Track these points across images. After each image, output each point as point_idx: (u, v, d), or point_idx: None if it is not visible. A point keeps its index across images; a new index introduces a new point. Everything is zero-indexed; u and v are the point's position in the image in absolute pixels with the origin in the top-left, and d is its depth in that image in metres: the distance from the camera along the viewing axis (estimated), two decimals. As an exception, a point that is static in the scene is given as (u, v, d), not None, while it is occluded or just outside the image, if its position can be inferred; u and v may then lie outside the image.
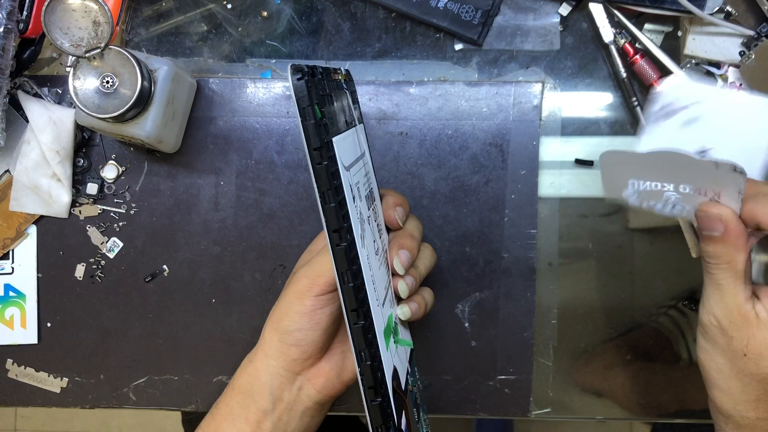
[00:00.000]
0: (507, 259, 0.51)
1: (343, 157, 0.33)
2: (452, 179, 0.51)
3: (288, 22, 0.52)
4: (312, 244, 0.46)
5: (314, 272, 0.39)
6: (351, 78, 0.43)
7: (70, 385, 0.54)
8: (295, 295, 0.39)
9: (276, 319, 0.41)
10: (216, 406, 0.44)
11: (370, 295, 0.33)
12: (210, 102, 0.52)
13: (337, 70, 0.39)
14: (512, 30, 0.51)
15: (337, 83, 0.38)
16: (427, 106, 0.51)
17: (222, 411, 0.43)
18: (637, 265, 0.52)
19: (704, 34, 0.48)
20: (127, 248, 0.53)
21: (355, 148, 0.38)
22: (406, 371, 0.40)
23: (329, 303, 0.39)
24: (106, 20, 0.41)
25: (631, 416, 0.53)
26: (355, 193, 0.35)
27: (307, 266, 0.40)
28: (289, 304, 0.40)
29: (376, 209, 0.41)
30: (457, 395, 0.53)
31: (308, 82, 0.30)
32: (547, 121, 0.51)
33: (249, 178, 0.52)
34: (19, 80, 0.52)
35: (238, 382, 0.43)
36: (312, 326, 0.39)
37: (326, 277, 0.39)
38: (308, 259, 0.42)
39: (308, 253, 0.46)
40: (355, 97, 0.43)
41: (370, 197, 0.39)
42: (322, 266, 0.39)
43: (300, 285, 0.39)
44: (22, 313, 0.53)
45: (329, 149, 0.31)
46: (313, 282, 0.39)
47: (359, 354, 0.32)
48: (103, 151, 0.53)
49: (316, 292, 0.39)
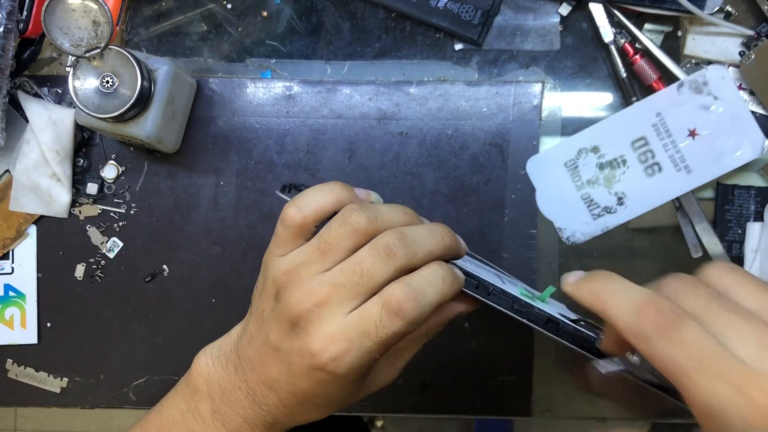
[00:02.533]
0: (507, 259, 0.51)
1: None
2: (452, 179, 0.51)
3: (288, 22, 0.52)
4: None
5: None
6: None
7: (70, 385, 0.54)
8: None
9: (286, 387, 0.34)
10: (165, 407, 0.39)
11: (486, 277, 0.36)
12: (210, 102, 0.52)
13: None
14: (512, 30, 0.51)
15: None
16: (427, 106, 0.51)
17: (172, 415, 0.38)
18: (637, 265, 0.52)
19: (704, 34, 0.48)
20: (127, 248, 0.53)
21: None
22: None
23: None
24: (106, 20, 0.41)
25: (631, 416, 0.53)
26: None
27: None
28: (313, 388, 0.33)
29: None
30: (457, 395, 0.53)
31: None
32: (547, 121, 0.51)
33: (249, 178, 0.52)
34: (19, 80, 0.52)
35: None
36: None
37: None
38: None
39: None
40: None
41: None
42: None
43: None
44: (22, 313, 0.53)
45: None
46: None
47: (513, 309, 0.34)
48: (103, 151, 0.53)
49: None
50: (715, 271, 0.27)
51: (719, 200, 0.50)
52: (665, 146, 0.49)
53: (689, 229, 0.50)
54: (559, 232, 0.51)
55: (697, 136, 0.48)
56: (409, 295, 0.30)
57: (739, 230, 0.50)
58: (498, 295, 0.33)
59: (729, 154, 0.48)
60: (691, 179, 0.49)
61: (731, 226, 0.50)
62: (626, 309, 0.26)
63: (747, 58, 0.47)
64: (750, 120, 0.47)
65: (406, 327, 0.30)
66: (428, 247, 0.32)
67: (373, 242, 0.32)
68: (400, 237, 0.31)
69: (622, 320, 0.26)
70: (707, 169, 0.48)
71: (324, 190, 0.34)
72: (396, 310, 0.30)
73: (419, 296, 0.30)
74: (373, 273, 0.31)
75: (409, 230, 0.32)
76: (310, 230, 0.34)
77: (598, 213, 0.50)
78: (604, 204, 0.50)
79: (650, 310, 0.25)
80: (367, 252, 0.31)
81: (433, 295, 0.31)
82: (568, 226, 0.51)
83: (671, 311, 0.25)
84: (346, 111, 0.51)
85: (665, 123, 0.48)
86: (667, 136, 0.48)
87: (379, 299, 0.31)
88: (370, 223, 0.32)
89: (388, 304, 0.30)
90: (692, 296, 0.26)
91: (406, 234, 0.32)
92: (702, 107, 0.48)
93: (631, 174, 0.49)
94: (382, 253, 0.31)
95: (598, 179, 0.50)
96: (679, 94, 0.48)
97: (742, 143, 0.48)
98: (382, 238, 0.32)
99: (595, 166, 0.50)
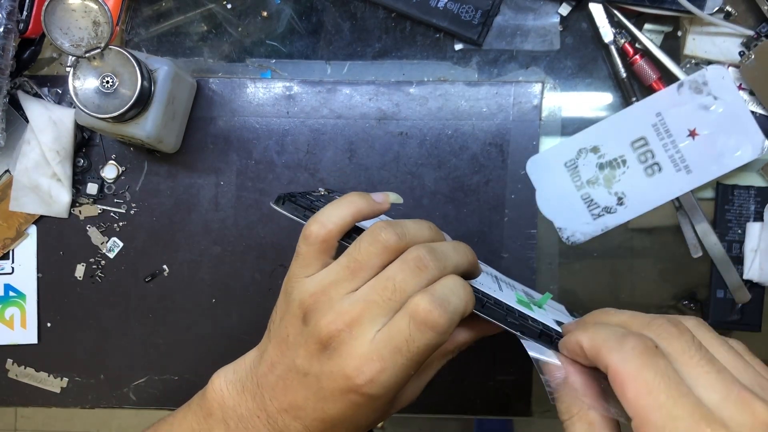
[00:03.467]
0: (507, 259, 0.51)
1: None
2: (452, 179, 0.51)
3: (288, 22, 0.52)
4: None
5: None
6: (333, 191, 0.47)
7: (70, 385, 0.54)
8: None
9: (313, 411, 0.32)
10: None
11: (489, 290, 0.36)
12: (210, 102, 0.52)
13: (314, 191, 0.43)
14: (512, 30, 0.51)
15: (323, 195, 0.41)
16: (427, 106, 0.51)
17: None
18: (637, 265, 0.52)
19: (704, 34, 0.49)
20: (127, 248, 0.53)
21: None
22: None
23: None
24: (106, 20, 0.41)
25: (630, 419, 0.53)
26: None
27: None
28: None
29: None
30: (457, 395, 0.53)
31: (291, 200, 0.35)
32: (546, 121, 0.51)
33: (249, 178, 0.52)
34: (19, 80, 0.52)
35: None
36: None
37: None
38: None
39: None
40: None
41: None
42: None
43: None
44: (22, 313, 0.53)
45: None
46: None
47: (506, 322, 0.33)
48: (103, 151, 0.53)
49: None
50: (693, 320, 0.29)
51: (719, 200, 0.50)
52: (665, 146, 0.49)
53: (689, 229, 0.50)
54: (559, 232, 0.51)
55: (697, 136, 0.48)
56: (435, 303, 0.29)
57: (739, 230, 0.50)
58: (492, 307, 0.33)
59: (729, 154, 0.48)
60: (691, 179, 0.49)
61: (731, 226, 0.50)
62: (612, 335, 0.28)
63: (747, 58, 0.47)
64: (750, 120, 0.47)
65: (436, 338, 0.30)
66: (455, 261, 0.32)
67: (402, 257, 0.31)
68: (430, 250, 0.31)
69: (606, 343, 0.27)
70: (707, 169, 0.48)
71: (343, 203, 0.34)
72: (424, 320, 0.29)
73: (445, 304, 0.30)
74: (405, 288, 0.30)
75: (437, 245, 0.32)
76: (334, 246, 0.33)
77: (598, 213, 0.50)
78: (604, 204, 0.50)
79: (633, 337, 0.27)
80: (398, 267, 0.31)
81: (457, 303, 0.31)
82: (568, 226, 0.51)
83: (653, 343, 0.26)
84: (346, 111, 0.51)
85: (665, 123, 0.48)
86: (667, 136, 0.48)
87: (405, 312, 0.30)
88: (400, 239, 0.32)
89: (415, 315, 0.29)
90: (676, 339, 0.27)
91: (434, 248, 0.32)
92: (702, 107, 0.48)
93: (631, 174, 0.49)
94: (413, 267, 0.31)
95: (598, 179, 0.50)
96: (679, 94, 0.48)
97: (742, 143, 0.48)
98: (411, 252, 0.31)
99: (595, 166, 0.50)
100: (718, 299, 0.51)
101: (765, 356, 0.53)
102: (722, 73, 0.47)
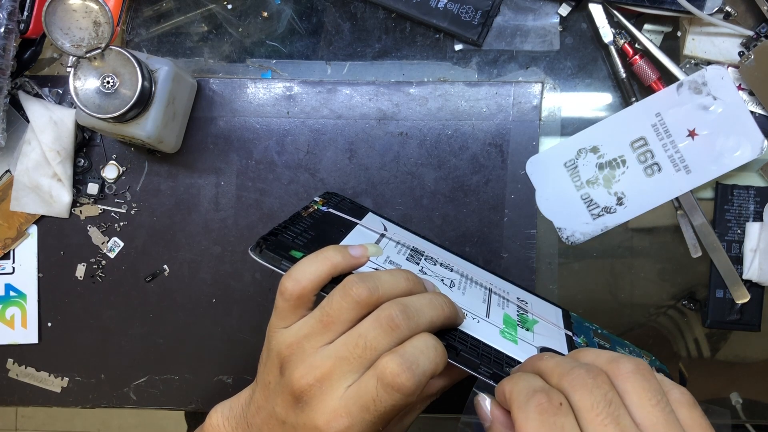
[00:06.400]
0: (507, 259, 0.51)
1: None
2: (452, 179, 0.51)
3: (288, 22, 0.52)
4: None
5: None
6: (331, 196, 0.47)
7: (71, 385, 0.54)
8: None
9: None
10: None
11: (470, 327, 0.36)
12: (210, 102, 0.52)
13: (309, 205, 0.44)
14: (512, 30, 0.51)
15: (314, 215, 0.42)
16: (427, 106, 0.51)
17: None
18: (636, 265, 0.52)
19: (704, 35, 0.49)
20: (127, 248, 0.53)
21: (367, 238, 0.43)
22: (565, 339, 0.41)
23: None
24: (107, 20, 0.41)
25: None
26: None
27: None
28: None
29: (426, 253, 0.44)
30: (457, 395, 0.53)
31: (267, 246, 0.36)
32: (546, 121, 0.51)
33: (249, 178, 0.52)
34: (20, 80, 0.52)
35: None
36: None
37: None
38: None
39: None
40: (343, 205, 0.47)
41: (415, 253, 0.44)
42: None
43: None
44: (23, 313, 0.54)
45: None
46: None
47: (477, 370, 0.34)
48: (104, 151, 0.53)
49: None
50: (629, 366, 0.28)
51: (718, 200, 0.50)
52: (665, 146, 0.49)
53: (689, 228, 0.50)
54: (558, 232, 0.51)
55: (697, 136, 0.48)
56: (403, 366, 0.30)
57: (739, 230, 0.50)
58: (466, 356, 0.34)
59: (728, 154, 0.48)
60: (691, 179, 0.49)
61: (730, 225, 0.50)
62: (524, 389, 0.28)
63: (746, 59, 0.47)
64: (749, 120, 0.47)
65: (403, 399, 0.30)
66: (429, 318, 0.32)
67: (375, 314, 0.31)
68: (402, 309, 0.31)
69: (518, 397, 0.28)
70: (707, 169, 0.48)
71: (318, 259, 0.34)
72: (391, 383, 0.30)
73: (413, 366, 0.30)
74: (377, 346, 0.31)
75: (411, 301, 0.32)
76: (310, 300, 0.34)
77: (598, 213, 0.50)
78: (604, 204, 0.50)
79: (540, 394, 0.27)
80: (369, 324, 0.31)
81: (426, 364, 0.31)
82: (568, 226, 0.51)
83: (558, 400, 0.27)
84: (346, 111, 0.51)
85: (665, 123, 0.48)
86: (667, 137, 0.48)
87: (374, 372, 0.30)
88: (371, 294, 0.32)
89: (383, 377, 0.30)
90: (588, 392, 0.27)
91: (407, 305, 0.32)
92: (701, 107, 0.48)
93: (631, 174, 0.49)
94: (385, 326, 0.31)
95: (597, 179, 0.50)
96: (679, 94, 0.48)
97: (741, 143, 0.48)
98: (384, 310, 0.31)
99: (594, 166, 0.50)
100: (718, 299, 0.51)
101: (765, 356, 0.53)
102: (722, 74, 0.47)
